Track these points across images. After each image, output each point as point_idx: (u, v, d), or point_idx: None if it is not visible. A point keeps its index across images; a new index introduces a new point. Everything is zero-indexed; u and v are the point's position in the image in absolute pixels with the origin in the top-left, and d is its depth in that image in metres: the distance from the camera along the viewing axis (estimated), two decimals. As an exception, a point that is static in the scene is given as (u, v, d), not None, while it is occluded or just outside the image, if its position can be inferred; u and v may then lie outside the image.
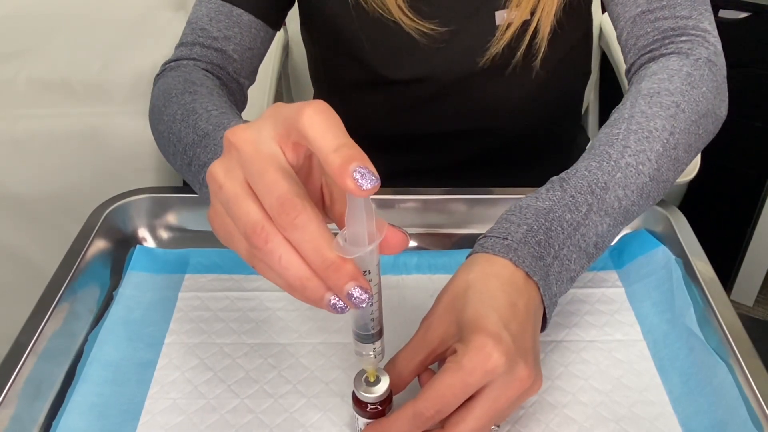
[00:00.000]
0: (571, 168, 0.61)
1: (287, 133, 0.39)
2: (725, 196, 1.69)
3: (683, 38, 0.70)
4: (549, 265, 0.55)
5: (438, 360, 0.54)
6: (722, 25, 0.70)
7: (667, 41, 0.70)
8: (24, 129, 1.34)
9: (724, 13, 1.45)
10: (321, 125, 0.37)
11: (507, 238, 0.55)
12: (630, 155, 0.60)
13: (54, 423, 0.58)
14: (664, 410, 0.59)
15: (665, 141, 0.61)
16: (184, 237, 0.77)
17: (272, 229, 0.38)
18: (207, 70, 0.77)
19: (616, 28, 0.75)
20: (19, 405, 0.58)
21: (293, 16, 1.27)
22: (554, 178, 0.61)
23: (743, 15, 1.44)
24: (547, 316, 0.56)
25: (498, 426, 0.53)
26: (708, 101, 0.66)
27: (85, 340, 0.65)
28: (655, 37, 0.71)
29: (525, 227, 0.56)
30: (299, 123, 0.38)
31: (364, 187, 0.36)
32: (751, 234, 1.70)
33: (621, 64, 1.15)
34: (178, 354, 0.65)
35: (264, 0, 0.80)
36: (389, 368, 0.53)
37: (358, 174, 0.35)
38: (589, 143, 0.67)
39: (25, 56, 1.38)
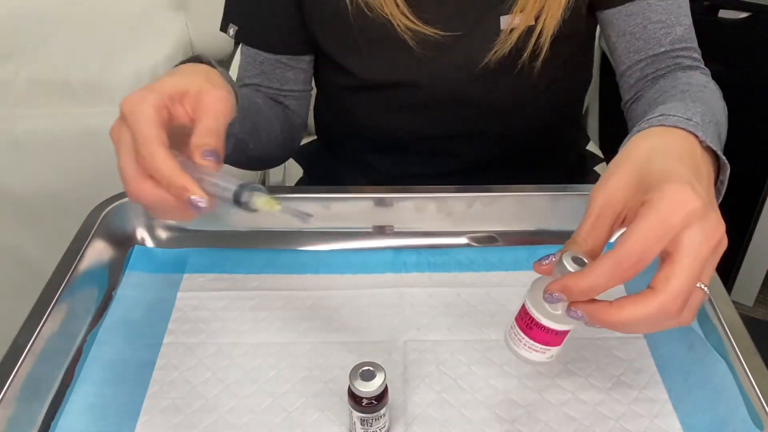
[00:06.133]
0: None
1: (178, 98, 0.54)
2: (725, 196, 1.69)
3: (699, 71, 0.78)
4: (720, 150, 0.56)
5: (622, 226, 0.50)
6: (722, 25, 0.71)
7: (687, 69, 0.78)
8: (24, 129, 1.34)
9: (724, 13, 1.45)
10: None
11: (691, 120, 0.55)
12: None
13: (53, 423, 0.58)
14: (663, 408, 0.59)
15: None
16: (182, 236, 0.77)
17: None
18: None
19: (626, 59, 0.80)
20: (17, 406, 0.57)
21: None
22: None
23: (743, 15, 1.44)
24: (720, 194, 0.57)
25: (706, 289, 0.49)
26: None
27: (84, 341, 0.65)
28: (675, 69, 0.78)
29: (699, 114, 0.57)
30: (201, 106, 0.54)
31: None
32: (751, 234, 1.69)
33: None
34: (176, 354, 0.64)
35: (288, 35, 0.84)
36: (574, 247, 0.50)
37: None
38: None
39: (25, 56, 1.38)
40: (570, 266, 0.48)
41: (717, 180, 0.57)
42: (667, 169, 0.49)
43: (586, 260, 0.48)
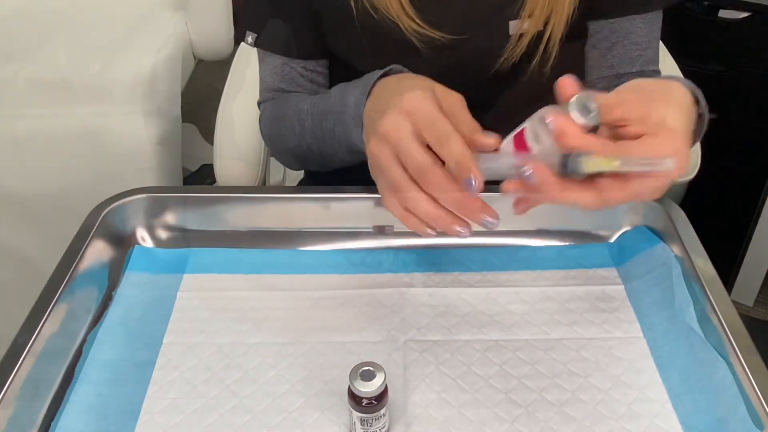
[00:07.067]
0: None
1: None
2: (725, 196, 1.69)
3: None
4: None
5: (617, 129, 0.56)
6: (722, 25, 0.71)
7: None
8: (24, 129, 1.34)
9: (724, 13, 1.45)
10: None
11: (678, 81, 0.62)
12: None
13: (53, 423, 0.58)
14: (663, 408, 0.59)
15: None
16: (182, 236, 0.77)
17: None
18: None
19: (594, 70, 0.83)
20: (17, 406, 0.57)
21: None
22: None
23: (743, 15, 1.44)
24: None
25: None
26: None
27: (84, 341, 0.65)
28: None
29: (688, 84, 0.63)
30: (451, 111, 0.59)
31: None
32: (751, 234, 1.69)
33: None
34: (176, 354, 0.64)
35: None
36: (595, 96, 0.54)
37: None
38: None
39: (25, 56, 1.38)
40: (574, 111, 0.52)
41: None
42: (686, 133, 0.57)
43: (593, 109, 0.52)
